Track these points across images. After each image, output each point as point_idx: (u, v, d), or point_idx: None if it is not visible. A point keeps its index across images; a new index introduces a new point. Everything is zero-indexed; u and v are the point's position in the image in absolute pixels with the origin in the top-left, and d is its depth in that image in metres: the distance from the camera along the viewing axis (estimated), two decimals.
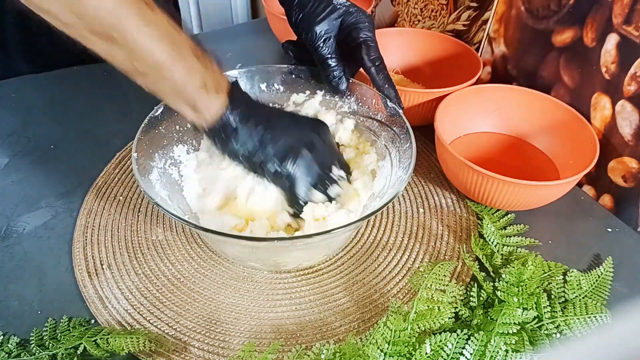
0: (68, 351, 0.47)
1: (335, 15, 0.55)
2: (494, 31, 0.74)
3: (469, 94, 0.68)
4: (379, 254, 0.57)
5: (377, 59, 0.56)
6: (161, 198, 0.51)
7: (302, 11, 0.56)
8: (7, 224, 0.60)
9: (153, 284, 0.54)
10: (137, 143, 0.52)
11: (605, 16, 0.58)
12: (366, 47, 0.55)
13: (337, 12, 0.56)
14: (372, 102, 0.59)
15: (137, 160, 0.50)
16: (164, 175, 0.55)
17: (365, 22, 0.56)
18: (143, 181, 0.49)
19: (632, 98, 0.58)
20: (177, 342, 0.49)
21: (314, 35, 0.55)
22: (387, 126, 0.58)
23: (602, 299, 0.51)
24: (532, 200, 0.58)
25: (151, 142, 0.54)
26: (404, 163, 0.53)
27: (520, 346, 0.45)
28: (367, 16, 0.57)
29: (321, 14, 0.55)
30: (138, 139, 0.52)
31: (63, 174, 0.67)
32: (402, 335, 0.45)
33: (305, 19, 0.56)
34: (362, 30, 0.55)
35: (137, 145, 0.51)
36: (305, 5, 0.56)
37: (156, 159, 0.55)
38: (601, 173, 0.63)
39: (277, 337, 0.49)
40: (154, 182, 0.52)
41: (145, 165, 0.52)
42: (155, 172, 0.54)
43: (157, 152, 0.55)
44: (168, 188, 0.54)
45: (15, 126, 0.75)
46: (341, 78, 0.56)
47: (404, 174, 0.51)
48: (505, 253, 0.56)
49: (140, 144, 0.52)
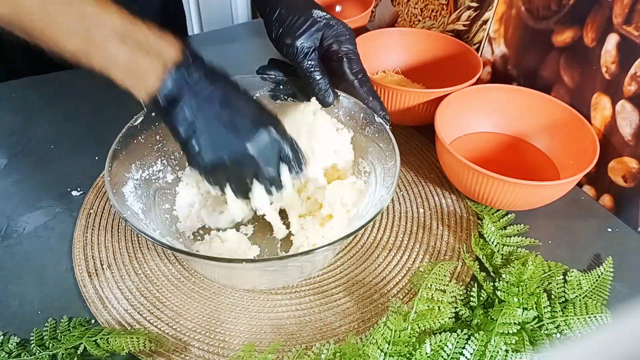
0: (68, 351, 0.47)
1: (315, 29, 0.55)
2: (494, 31, 0.74)
3: (469, 94, 0.68)
4: (379, 254, 0.57)
5: (360, 71, 0.55)
6: (131, 212, 0.49)
7: (281, 26, 0.55)
8: (7, 224, 0.60)
9: (153, 284, 0.54)
10: (113, 153, 0.50)
11: (605, 16, 0.58)
12: (348, 60, 0.54)
13: (316, 25, 0.55)
14: (360, 116, 0.58)
15: (110, 172, 0.49)
16: (140, 187, 0.53)
17: (346, 35, 0.55)
18: (114, 194, 0.47)
19: (632, 98, 0.58)
20: (177, 342, 0.49)
21: (295, 50, 0.54)
22: (374, 142, 0.56)
23: (602, 299, 0.51)
24: (532, 200, 0.58)
25: (130, 153, 0.52)
26: (387, 182, 0.51)
27: (520, 346, 0.45)
28: (347, 28, 0.56)
29: (301, 28, 0.54)
30: (114, 149, 0.50)
31: (63, 173, 0.67)
32: (402, 335, 0.45)
33: (285, 33, 0.55)
34: (343, 44, 0.55)
35: (111, 156, 0.50)
36: (284, 20, 0.55)
37: (132, 170, 0.53)
38: (601, 173, 0.63)
39: (277, 337, 0.49)
40: (126, 195, 0.51)
41: (120, 177, 0.51)
42: (131, 184, 0.52)
43: (134, 162, 0.54)
44: (142, 201, 0.53)
45: (15, 126, 0.75)
46: (327, 91, 0.55)
47: (386, 193, 0.49)
48: (505, 253, 0.56)
49: (116, 154, 0.50)
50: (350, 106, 0.59)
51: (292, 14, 0.55)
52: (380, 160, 0.55)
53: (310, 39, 0.54)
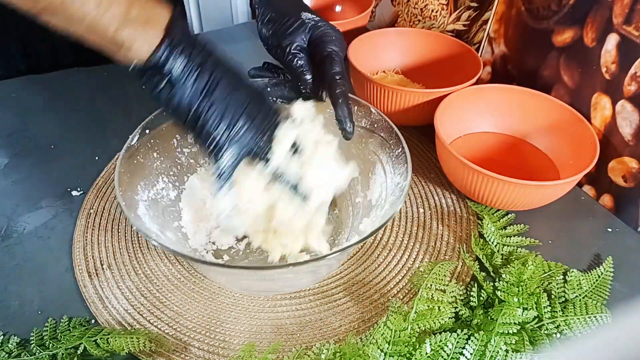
0: (68, 351, 0.47)
1: (303, 29, 0.55)
2: (494, 31, 0.74)
3: (469, 94, 0.68)
4: (379, 254, 0.57)
5: (338, 73, 0.54)
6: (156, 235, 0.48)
7: (271, 28, 0.56)
8: (8, 224, 0.60)
9: (153, 284, 0.54)
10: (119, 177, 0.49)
11: (605, 16, 0.58)
12: (330, 60, 0.54)
13: (305, 26, 0.55)
14: (354, 109, 0.57)
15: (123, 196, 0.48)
16: (150, 209, 0.52)
17: (332, 37, 0.55)
18: (135, 219, 0.46)
19: (632, 98, 0.58)
20: (177, 342, 0.49)
21: (284, 51, 0.54)
22: (372, 132, 0.56)
23: (602, 299, 0.51)
24: (532, 200, 0.58)
25: (133, 174, 0.52)
26: (400, 169, 0.51)
27: (520, 346, 0.45)
28: (335, 30, 0.56)
29: (289, 29, 0.55)
30: (119, 172, 0.49)
31: (63, 173, 0.67)
32: (402, 335, 0.45)
33: (274, 35, 0.55)
34: (328, 44, 0.54)
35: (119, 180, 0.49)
36: (274, 22, 0.56)
37: (139, 192, 0.52)
38: (601, 173, 0.63)
39: (277, 337, 0.49)
40: (143, 218, 0.50)
41: (131, 200, 0.50)
42: (142, 206, 0.51)
43: (139, 183, 0.53)
44: (158, 222, 0.52)
45: (15, 126, 0.75)
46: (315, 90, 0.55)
47: (403, 180, 0.49)
48: (505, 253, 0.56)
49: (121, 176, 0.49)
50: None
51: (282, 16, 0.56)
52: (384, 149, 0.55)
53: (298, 39, 0.55)
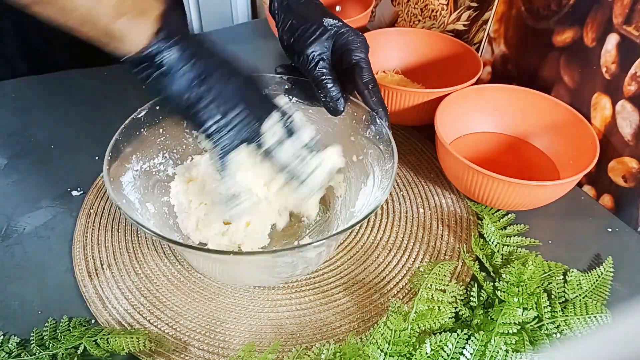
0: (68, 351, 0.47)
1: (326, 37, 0.54)
2: (494, 31, 0.74)
3: (469, 94, 0.68)
4: (379, 254, 0.57)
5: (371, 81, 0.54)
6: (127, 201, 0.49)
7: (292, 35, 0.55)
8: (7, 224, 0.60)
9: (153, 284, 0.54)
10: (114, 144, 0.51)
11: (605, 16, 0.58)
12: (359, 69, 0.53)
13: (327, 33, 0.54)
14: (362, 118, 0.57)
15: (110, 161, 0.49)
16: (139, 179, 0.53)
17: (357, 43, 0.54)
18: (111, 182, 0.48)
19: (632, 98, 0.58)
20: (177, 342, 0.49)
21: (306, 59, 0.53)
22: (373, 144, 0.56)
23: (602, 299, 0.51)
24: (532, 200, 0.58)
25: (131, 144, 0.53)
26: (384, 183, 0.51)
27: (520, 346, 0.45)
28: (359, 36, 0.55)
29: (311, 37, 0.54)
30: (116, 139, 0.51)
31: (63, 173, 0.67)
32: (402, 335, 0.45)
33: (296, 42, 0.54)
34: (354, 52, 0.54)
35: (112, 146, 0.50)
36: (295, 29, 0.55)
37: (132, 161, 0.53)
38: (601, 173, 0.63)
39: (277, 337, 0.49)
40: (124, 184, 0.51)
41: (120, 167, 0.51)
42: (130, 174, 0.52)
43: (135, 154, 0.54)
44: (140, 192, 0.53)
45: (15, 126, 0.75)
46: (339, 99, 0.54)
47: (381, 194, 0.49)
48: (505, 253, 0.56)
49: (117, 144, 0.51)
50: (354, 109, 0.59)
51: (304, 23, 0.54)
52: (379, 162, 0.55)
53: (321, 47, 0.54)
